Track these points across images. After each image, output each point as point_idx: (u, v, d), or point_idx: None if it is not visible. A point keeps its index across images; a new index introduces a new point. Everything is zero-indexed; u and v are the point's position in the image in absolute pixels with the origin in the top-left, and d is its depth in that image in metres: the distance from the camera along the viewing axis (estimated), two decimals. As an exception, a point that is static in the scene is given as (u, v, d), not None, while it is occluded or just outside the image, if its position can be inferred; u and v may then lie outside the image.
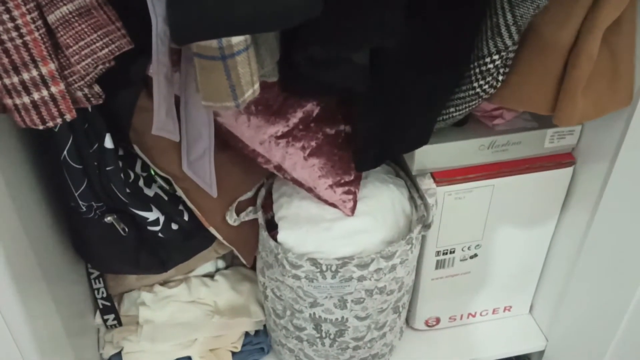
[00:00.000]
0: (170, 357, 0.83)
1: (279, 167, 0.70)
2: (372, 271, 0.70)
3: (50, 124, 0.47)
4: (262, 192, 0.79)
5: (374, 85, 0.62)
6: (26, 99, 0.46)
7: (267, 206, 0.78)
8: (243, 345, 0.86)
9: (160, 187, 0.73)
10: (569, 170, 0.76)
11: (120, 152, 0.68)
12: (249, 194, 0.78)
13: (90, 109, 0.59)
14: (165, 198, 0.73)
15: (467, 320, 0.92)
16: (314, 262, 0.69)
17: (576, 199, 0.78)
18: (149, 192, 0.71)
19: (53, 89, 0.46)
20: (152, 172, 0.72)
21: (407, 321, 0.92)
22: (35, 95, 0.46)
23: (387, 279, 0.72)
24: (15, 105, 0.46)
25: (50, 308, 0.64)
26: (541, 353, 0.92)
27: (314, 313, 0.74)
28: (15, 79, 0.45)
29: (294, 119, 0.68)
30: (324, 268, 0.69)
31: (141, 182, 0.70)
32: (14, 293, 0.54)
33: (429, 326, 0.91)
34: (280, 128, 0.68)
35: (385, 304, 0.75)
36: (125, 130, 0.66)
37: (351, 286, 0.71)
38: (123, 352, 0.82)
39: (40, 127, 0.47)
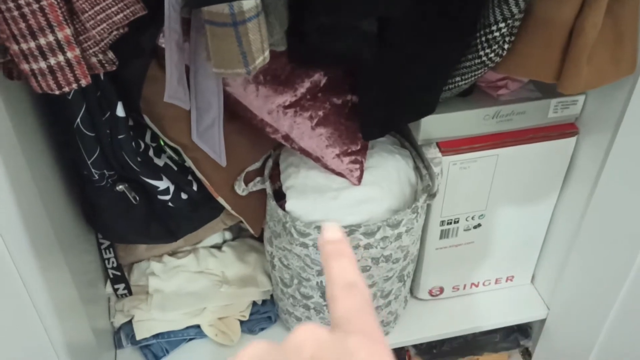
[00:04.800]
0: (180, 325, 0.85)
1: (286, 137, 0.71)
2: (378, 239, 0.72)
3: (66, 89, 0.48)
4: (270, 162, 0.80)
5: (381, 55, 0.63)
6: (42, 64, 0.47)
7: (274, 177, 0.79)
8: (251, 314, 0.88)
9: (170, 158, 0.74)
10: (572, 140, 0.77)
11: (130, 123, 0.69)
12: (257, 165, 0.79)
13: (102, 77, 0.60)
14: (175, 168, 0.74)
15: (470, 290, 0.94)
16: (321, 230, 0.70)
17: (579, 169, 0.79)
18: (159, 162, 0.72)
19: (69, 54, 0.47)
20: (162, 143, 0.74)
21: (411, 291, 0.93)
22: (52, 60, 0.47)
23: (392, 247, 0.74)
24: (32, 70, 0.47)
25: (66, 277, 0.65)
26: (542, 321, 0.94)
27: (321, 281, 0.76)
28: (32, 44, 0.46)
29: (302, 89, 0.69)
30: (332, 236, 0.70)
31: (151, 152, 0.72)
32: (34, 262, 0.55)
33: (432, 296, 0.93)
34: (288, 98, 0.69)
35: (390, 272, 0.77)
36: (135, 100, 0.66)
37: (358, 254, 0.72)
38: (134, 320, 0.84)
39: (57, 92, 0.48)
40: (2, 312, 0.55)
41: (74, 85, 0.48)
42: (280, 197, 0.76)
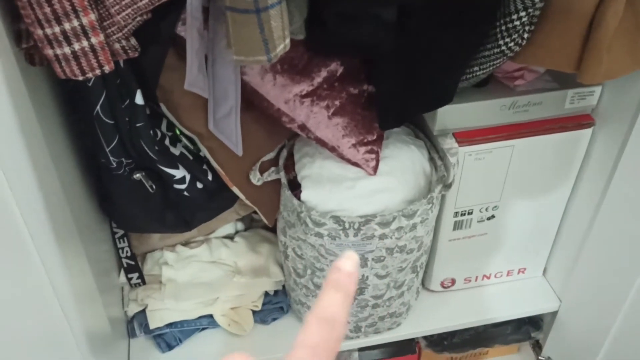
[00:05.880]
0: (193, 314, 0.86)
1: (302, 127, 0.71)
2: (393, 229, 0.72)
3: (90, 75, 0.48)
4: (284, 152, 0.80)
5: (399, 44, 0.62)
6: (67, 50, 0.47)
7: (289, 167, 0.79)
8: (263, 305, 0.88)
9: (185, 147, 0.74)
10: (588, 132, 0.77)
11: (147, 111, 0.69)
12: (271, 155, 0.79)
13: (122, 65, 0.60)
14: (190, 157, 0.74)
15: (481, 281, 0.94)
16: (337, 219, 0.70)
17: (594, 161, 0.79)
18: (175, 151, 0.72)
19: (93, 40, 0.47)
20: (177, 132, 0.74)
21: (423, 282, 0.93)
22: (76, 46, 0.47)
23: (407, 237, 0.74)
24: (56, 55, 0.47)
25: (84, 264, 0.65)
26: (554, 314, 0.94)
27: (335, 271, 0.76)
28: (57, 29, 0.46)
29: (319, 78, 0.69)
30: (347, 226, 0.70)
31: (167, 141, 0.72)
32: (56, 248, 0.54)
33: (444, 287, 0.93)
34: (305, 87, 0.69)
35: (404, 262, 0.77)
36: (152, 88, 0.66)
37: (372, 244, 0.72)
38: (147, 309, 0.84)
39: (80, 78, 0.48)
40: (23, 297, 0.55)
41: (98, 71, 0.48)
42: (294, 188, 0.76)
